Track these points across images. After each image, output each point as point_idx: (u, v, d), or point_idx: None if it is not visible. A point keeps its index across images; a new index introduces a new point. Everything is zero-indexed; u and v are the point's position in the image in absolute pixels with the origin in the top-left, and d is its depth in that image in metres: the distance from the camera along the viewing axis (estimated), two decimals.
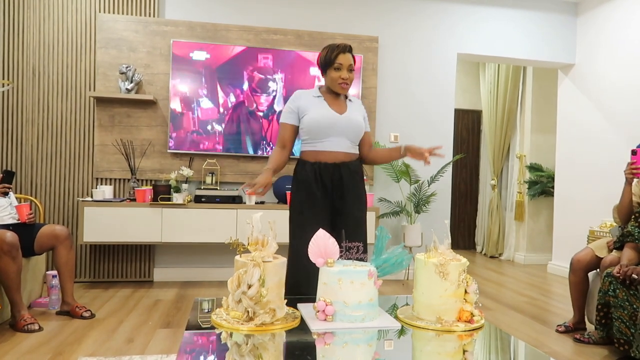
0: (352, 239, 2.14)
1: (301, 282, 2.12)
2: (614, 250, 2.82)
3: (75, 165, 4.01)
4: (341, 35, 4.33)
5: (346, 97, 2.40)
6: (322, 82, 2.41)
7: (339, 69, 2.27)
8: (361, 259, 1.65)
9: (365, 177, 2.52)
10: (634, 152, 2.68)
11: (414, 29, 4.55)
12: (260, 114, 4.17)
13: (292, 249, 2.30)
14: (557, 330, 3.04)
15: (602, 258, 2.86)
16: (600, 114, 4.58)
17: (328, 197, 2.30)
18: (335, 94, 2.36)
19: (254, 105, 4.16)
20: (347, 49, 2.29)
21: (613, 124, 4.42)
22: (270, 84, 4.17)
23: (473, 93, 6.49)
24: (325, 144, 2.28)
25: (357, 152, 2.39)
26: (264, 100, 4.17)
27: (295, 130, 2.36)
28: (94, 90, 3.99)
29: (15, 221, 2.98)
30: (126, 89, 3.91)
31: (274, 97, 4.18)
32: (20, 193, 3.88)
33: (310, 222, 2.23)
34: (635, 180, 2.76)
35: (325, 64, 2.30)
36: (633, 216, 2.69)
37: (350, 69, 2.29)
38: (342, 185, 2.29)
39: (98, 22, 3.97)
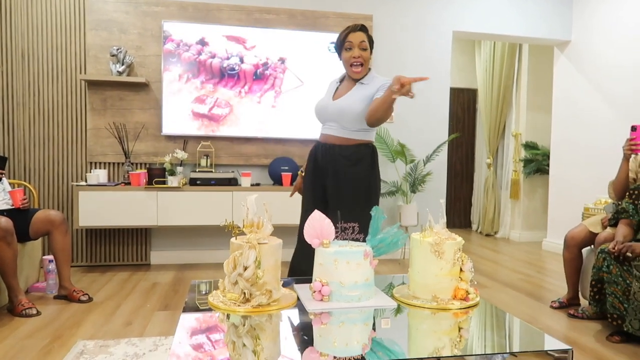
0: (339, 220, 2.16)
1: (297, 255, 2.31)
2: (609, 227, 2.84)
3: (69, 150, 3.97)
4: (334, 13, 4.27)
5: (359, 80, 2.27)
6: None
7: (350, 48, 2.22)
8: (356, 239, 1.65)
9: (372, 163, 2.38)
10: (633, 128, 2.68)
11: (409, 7, 4.49)
12: (257, 94, 4.13)
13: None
14: (551, 307, 3.08)
15: (596, 234, 2.88)
16: (595, 91, 4.56)
17: (320, 176, 2.34)
18: (353, 79, 2.29)
19: (249, 86, 4.12)
20: (358, 27, 2.23)
21: (608, 101, 4.41)
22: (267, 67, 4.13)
23: (468, 71, 6.45)
24: (324, 127, 2.34)
25: (357, 137, 2.27)
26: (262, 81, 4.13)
27: None
28: (85, 73, 3.94)
29: (9, 207, 2.97)
30: (117, 71, 3.86)
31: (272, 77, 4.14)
32: (14, 178, 3.85)
33: (306, 197, 2.42)
34: (632, 156, 2.76)
35: (338, 47, 2.28)
36: (627, 193, 2.70)
37: (363, 47, 2.21)
38: (329, 168, 2.29)
39: (87, 3, 3.90)
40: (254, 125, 4.13)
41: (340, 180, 2.28)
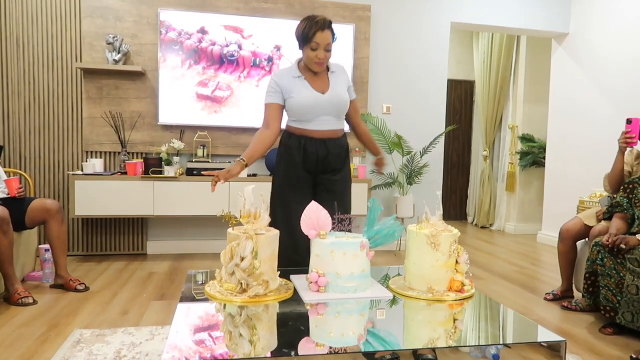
0: (339, 203, 2.27)
1: (285, 249, 2.17)
2: (603, 221, 2.86)
3: (64, 138, 3.95)
4: (333, 3, 4.24)
5: (328, 68, 2.33)
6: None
7: (316, 48, 2.17)
8: (349, 231, 1.66)
9: (355, 150, 2.54)
10: (629, 121, 2.69)
11: None
12: (255, 81, 4.12)
13: (272, 215, 2.32)
14: (545, 298, 3.11)
15: (590, 227, 2.90)
16: (592, 84, 4.57)
17: (311, 168, 2.32)
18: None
19: (247, 74, 4.10)
20: (327, 25, 2.17)
21: (605, 94, 4.42)
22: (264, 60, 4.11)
23: (466, 63, 6.44)
24: (312, 123, 2.28)
25: (343, 126, 2.39)
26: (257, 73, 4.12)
27: (281, 109, 2.31)
28: (81, 61, 3.90)
29: (5, 195, 2.95)
30: (113, 59, 3.83)
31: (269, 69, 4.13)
32: (9, 167, 3.83)
33: (291, 190, 2.33)
34: (627, 149, 2.77)
35: (302, 40, 2.20)
36: (622, 187, 2.72)
37: (328, 48, 2.19)
38: (328, 160, 2.31)
39: None
40: (253, 107, 4.12)
41: (344, 172, 2.39)
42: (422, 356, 1.64)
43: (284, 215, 2.29)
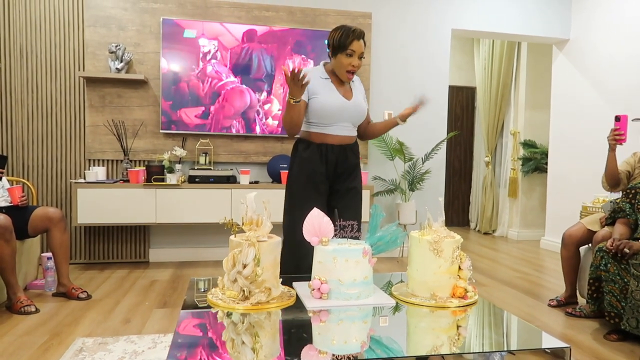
0: (353, 216, 2.35)
1: (299, 259, 2.22)
2: (606, 226, 2.85)
3: (67, 147, 3.97)
4: (334, 11, 4.26)
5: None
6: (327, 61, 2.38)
7: (351, 55, 2.23)
8: (356, 238, 1.65)
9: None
10: (617, 119, 2.68)
11: (408, 4, 4.49)
12: (255, 90, 4.13)
13: (289, 225, 2.33)
14: (549, 305, 3.09)
15: (594, 233, 2.89)
16: (594, 90, 4.57)
17: (329, 177, 2.35)
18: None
19: (248, 84, 4.12)
20: (362, 35, 2.25)
21: (607, 100, 4.42)
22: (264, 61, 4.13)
23: (467, 70, 6.45)
24: (332, 128, 2.30)
25: (356, 133, 2.45)
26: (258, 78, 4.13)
27: (305, 106, 2.26)
28: (84, 70, 3.93)
29: (7, 204, 2.96)
30: (116, 68, 3.85)
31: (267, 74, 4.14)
32: (12, 175, 3.85)
33: (312, 200, 2.27)
34: (632, 152, 2.77)
35: (338, 48, 2.23)
36: (624, 192, 2.71)
37: (361, 57, 2.26)
38: (347, 166, 2.35)
39: None
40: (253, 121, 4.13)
41: (357, 180, 2.41)
42: None
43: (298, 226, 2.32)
